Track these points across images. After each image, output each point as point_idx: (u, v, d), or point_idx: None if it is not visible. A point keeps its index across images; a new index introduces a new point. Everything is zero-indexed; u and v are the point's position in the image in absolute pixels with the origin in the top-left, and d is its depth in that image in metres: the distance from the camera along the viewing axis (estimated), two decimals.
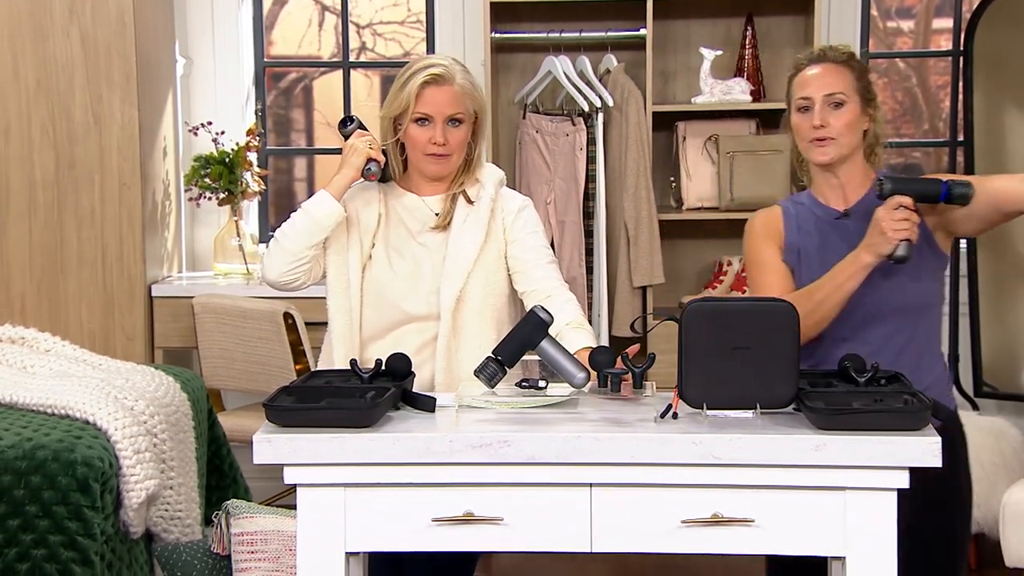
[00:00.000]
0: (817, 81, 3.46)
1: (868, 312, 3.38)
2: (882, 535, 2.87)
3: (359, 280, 3.46)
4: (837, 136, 3.43)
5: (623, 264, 6.04)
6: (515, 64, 6.37)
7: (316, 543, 2.94)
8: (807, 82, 3.47)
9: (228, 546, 4.09)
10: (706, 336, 2.99)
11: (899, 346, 3.39)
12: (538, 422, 2.99)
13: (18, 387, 4.27)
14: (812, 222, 3.51)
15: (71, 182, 5.95)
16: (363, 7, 7.01)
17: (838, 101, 3.45)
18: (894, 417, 2.88)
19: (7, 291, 5.96)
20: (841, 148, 3.45)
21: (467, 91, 3.46)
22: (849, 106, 3.46)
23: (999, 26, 6.23)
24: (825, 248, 3.45)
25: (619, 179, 6.02)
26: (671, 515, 2.90)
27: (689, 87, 6.30)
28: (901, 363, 3.29)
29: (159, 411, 4.28)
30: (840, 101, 3.45)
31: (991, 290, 6.21)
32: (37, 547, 3.81)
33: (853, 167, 3.51)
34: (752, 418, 2.98)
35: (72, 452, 3.88)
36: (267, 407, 2.97)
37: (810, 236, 3.49)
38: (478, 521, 2.92)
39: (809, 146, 3.46)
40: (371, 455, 2.89)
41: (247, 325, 5.68)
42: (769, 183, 6.10)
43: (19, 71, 5.89)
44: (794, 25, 6.33)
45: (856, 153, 3.52)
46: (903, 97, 7.13)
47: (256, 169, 6.43)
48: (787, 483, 2.88)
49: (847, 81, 3.47)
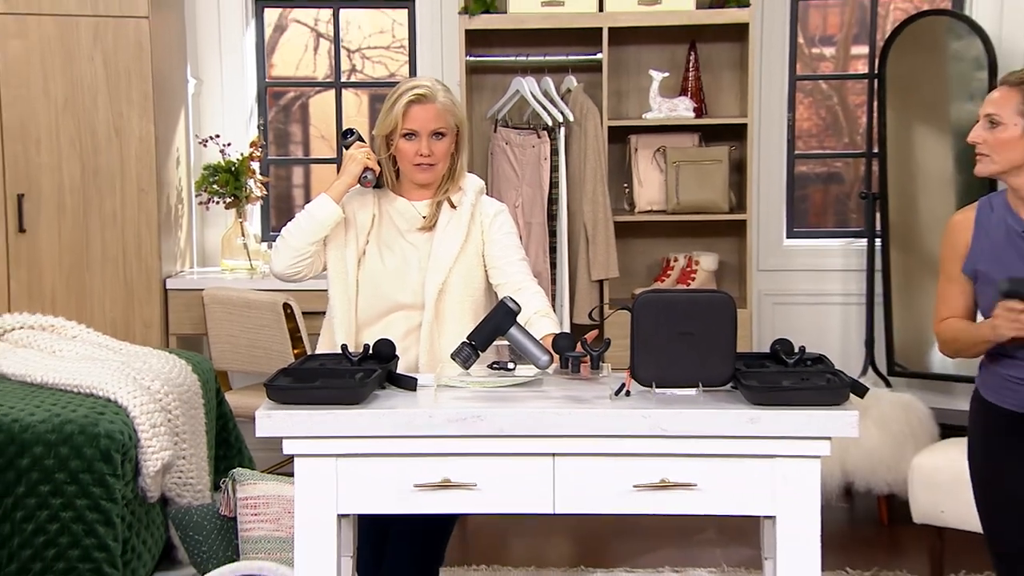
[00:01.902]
0: (989, 101, 3.23)
1: None
2: (808, 496, 2.89)
3: (355, 273, 3.47)
4: (990, 150, 3.22)
5: (582, 260, 6.05)
6: (487, 84, 6.37)
7: (311, 506, 2.94)
8: (984, 102, 3.25)
9: (234, 509, 4.08)
10: (655, 324, 2.98)
11: None
12: (507, 399, 2.99)
13: (48, 369, 4.26)
14: (1002, 230, 3.26)
15: (95, 188, 5.93)
16: (353, 34, 7.00)
17: (992, 117, 3.20)
18: (817, 394, 2.89)
19: (39, 284, 5.94)
20: (994, 165, 3.23)
21: (448, 108, 3.46)
22: (1006, 124, 3.18)
23: (907, 53, 6.26)
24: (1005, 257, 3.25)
25: (579, 185, 6.03)
26: (624, 480, 2.91)
27: (640, 105, 6.31)
28: None
29: (173, 390, 4.27)
30: (994, 120, 3.19)
31: (902, 283, 6.26)
32: (65, 510, 3.80)
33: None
34: (695, 395, 2.98)
35: (96, 426, 3.87)
36: (268, 386, 2.96)
37: (992, 244, 3.27)
38: (455, 487, 2.92)
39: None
40: (360, 429, 2.89)
41: (251, 314, 5.67)
42: (710, 189, 6.13)
43: (49, 90, 5.87)
44: (731, 51, 6.34)
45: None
46: (826, 114, 7.15)
47: (259, 177, 6.42)
48: (725, 452, 2.88)
49: (1011, 100, 3.19)
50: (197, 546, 4.10)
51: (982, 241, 3.26)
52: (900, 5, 6.74)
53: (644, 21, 6.07)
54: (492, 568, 5.30)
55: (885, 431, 5.61)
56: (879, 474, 5.61)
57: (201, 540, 4.09)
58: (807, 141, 6.98)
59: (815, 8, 6.96)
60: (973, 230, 3.28)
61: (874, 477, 5.63)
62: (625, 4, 6.04)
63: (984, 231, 3.26)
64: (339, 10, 6.76)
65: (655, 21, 6.08)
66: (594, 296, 6.08)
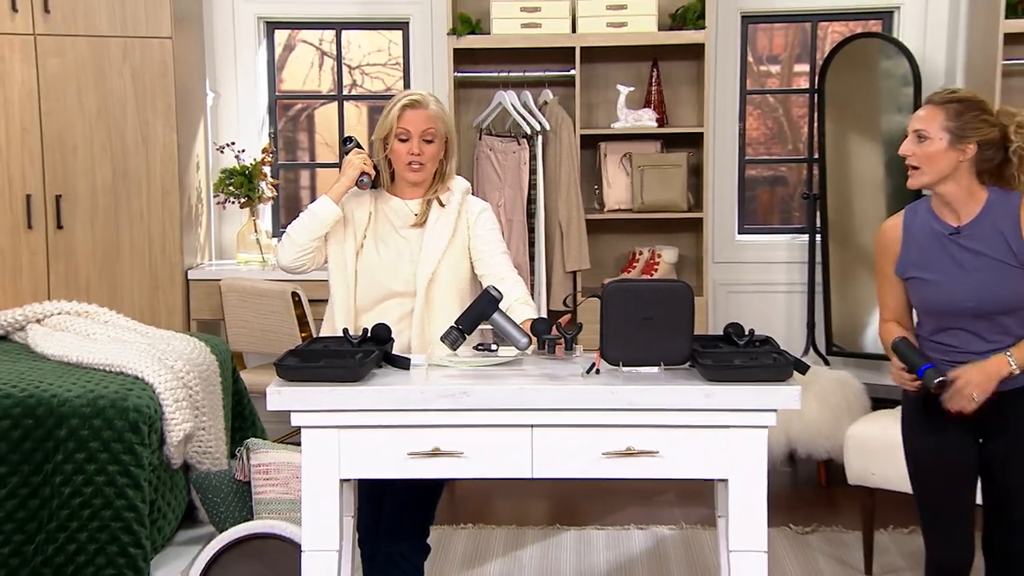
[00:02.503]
0: (915, 117, 3.20)
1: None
2: (756, 461, 2.90)
3: (354, 264, 3.46)
4: (918, 162, 3.18)
5: (558, 253, 6.06)
6: (473, 97, 6.36)
7: (317, 472, 2.94)
8: (912, 118, 3.22)
9: (248, 474, 4.08)
10: (622, 310, 2.99)
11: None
12: (491, 377, 3.00)
13: (83, 350, 4.25)
14: (929, 234, 3.26)
15: (124, 189, 5.92)
16: (354, 52, 6.99)
17: (919, 132, 3.17)
18: (765, 371, 2.91)
19: (75, 275, 5.93)
20: (925, 177, 3.19)
21: (438, 115, 3.45)
22: (931, 140, 3.16)
23: (843, 71, 6.28)
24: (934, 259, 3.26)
25: (555, 187, 6.03)
26: (594, 448, 2.91)
27: (608, 115, 6.31)
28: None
29: (194, 369, 4.27)
30: (921, 135, 3.17)
31: (838, 274, 6.28)
32: (98, 475, 3.80)
33: (958, 192, 3.21)
34: (657, 373, 2.99)
35: (126, 401, 3.87)
36: (278, 366, 2.97)
37: (922, 248, 3.26)
38: (444, 455, 2.92)
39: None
40: (359, 403, 2.89)
41: (263, 302, 5.66)
42: (670, 190, 6.14)
43: (83, 103, 5.85)
44: (689, 68, 6.35)
45: (953, 178, 3.20)
46: (772, 124, 7.16)
47: (270, 179, 6.41)
48: (684, 423, 2.89)
49: (935, 117, 3.17)
50: (215, 507, 4.10)
51: (911, 245, 3.26)
52: (837, 28, 6.75)
53: (612, 41, 6.08)
54: (478, 527, 5.31)
55: (824, 404, 5.64)
56: (818, 442, 5.65)
57: (219, 502, 4.09)
58: (756, 148, 7.00)
59: (763, 31, 6.97)
60: (902, 237, 3.28)
61: (814, 444, 5.66)
62: (595, 26, 6.04)
63: (912, 236, 3.26)
64: (341, 31, 6.75)
65: (621, 41, 6.08)
66: (568, 285, 6.09)
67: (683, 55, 6.29)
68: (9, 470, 3.81)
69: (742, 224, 6.70)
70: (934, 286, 3.20)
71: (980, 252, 3.18)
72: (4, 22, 5.75)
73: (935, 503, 3.31)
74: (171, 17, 5.86)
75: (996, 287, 3.17)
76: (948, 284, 3.19)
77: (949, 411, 3.19)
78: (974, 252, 3.18)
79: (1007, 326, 3.20)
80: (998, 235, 3.18)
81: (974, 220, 3.20)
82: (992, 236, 3.18)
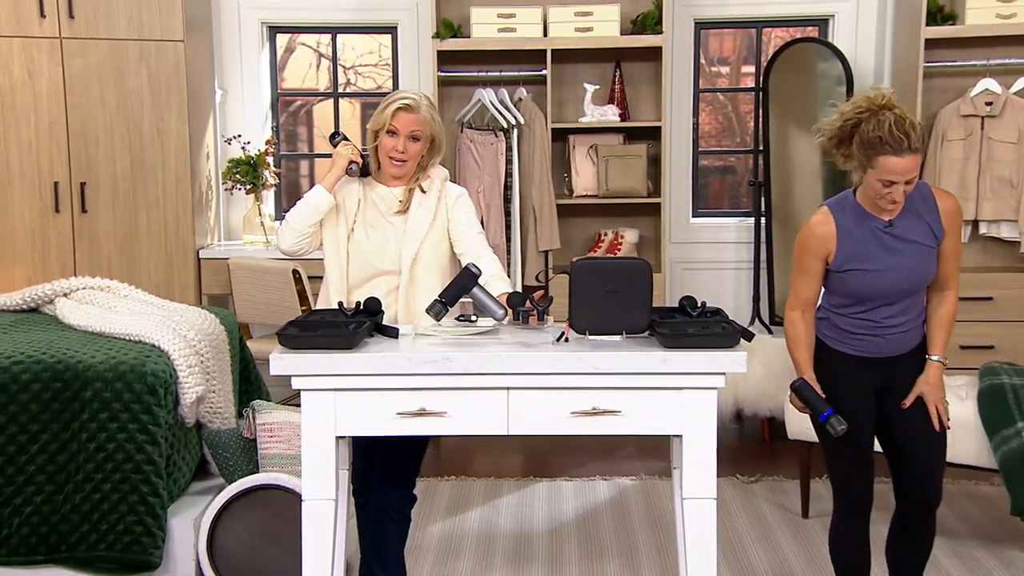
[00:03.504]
0: (903, 168, 3.06)
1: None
2: (707, 419, 2.90)
3: (345, 246, 3.45)
4: (900, 202, 3.13)
5: (531, 234, 6.06)
6: (455, 94, 6.35)
7: (315, 430, 2.94)
8: (894, 169, 3.05)
9: (254, 432, 4.08)
10: (588, 284, 2.99)
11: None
12: (471, 345, 3.00)
13: (105, 321, 4.23)
14: (864, 228, 3.23)
15: (141, 177, 5.90)
16: (348, 54, 6.97)
17: (910, 180, 3.09)
18: (715, 339, 2.90)
19: (98, 254, 5.90)
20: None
21: (427, 120, 3.42)
22: (916, 178, 3.12)
23: (784, 72, 6.29)
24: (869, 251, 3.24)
25: (528, 175, 6.03)
26: (563, 408, 2.91)
27: (577, 111, 6.31)
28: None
29: (204, 338, 4.25)
30: (911, 180, 3.10)
31: (781, 253, 6.30)
32: (120, 432, 3.79)
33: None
34: (620, 341, 3.00)
35: (144, 366, 3.86)
36: (280, 335, 2.95)
37: (860, 243, 3.23)
38: (429, 414, 2.92)
39: (881, 207, 3.17)
40: (353, 368, 2.88)
41: (266, 278, 5.65)
42: (632, 178, 6.15)
43: (104, 99, 5.81)
44: (648, 68, 6.35)
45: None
46: (723, 119, 7.18)
47: (272, 168, 6.39)
48: (643, 385, 2.89)
49: (918, 162, 3.09)
50: (225, 461, 4.10)
51: (847, 241, 3.22)
52: (779, 34, 6.77)
53: (579, 44, 6.07)
54: (460, 479, 5.32)
55: (767, 368, 5.67)
56: (762, 402, 5.68)
57: (228, 457, 4.09)
58: (707, 140, 7.01)
59: (714, 35, 6.98)
60: (836, 234, 3.23)
61: (758, 404, 5.69)
62: (564, 31, 6.04)
63: (847, 233, 3.23)
64: (336, 35, 6.71)
65: (588, 44, 6.08)
66: (540, 263, 6.10)
67: (643, 57, 6.30)
68: (40, 428, 3.80)
69: (695, 208, 6.72)
70: (874, 275, 3.20)
71: (910, 240, 3.20)
72: (33, 27, 5.72)
73: (843, 443, 3.31)
74: (183, 22, 5.83)
75: (923, 269, 3.21)
76: (886, 272, 3.20)
77: (854, 371, 3.29)
78: (906, 241, 3.20)
79: (918, 297, 3.29)
80: (922, 223, 3.21)
81: (903, 213, 3.21)
82: (918, 225, 3.21)
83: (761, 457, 5.60)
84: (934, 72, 6.02)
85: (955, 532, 4.57)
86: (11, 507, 3.78)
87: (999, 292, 5.86)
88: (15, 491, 3.79)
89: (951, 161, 5.94)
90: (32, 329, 4.27)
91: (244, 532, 3.90)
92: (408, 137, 3.39)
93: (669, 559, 4.29)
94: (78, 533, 3.78)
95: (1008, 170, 5.86)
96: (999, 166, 5.87)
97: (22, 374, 3.80)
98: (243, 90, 6.56)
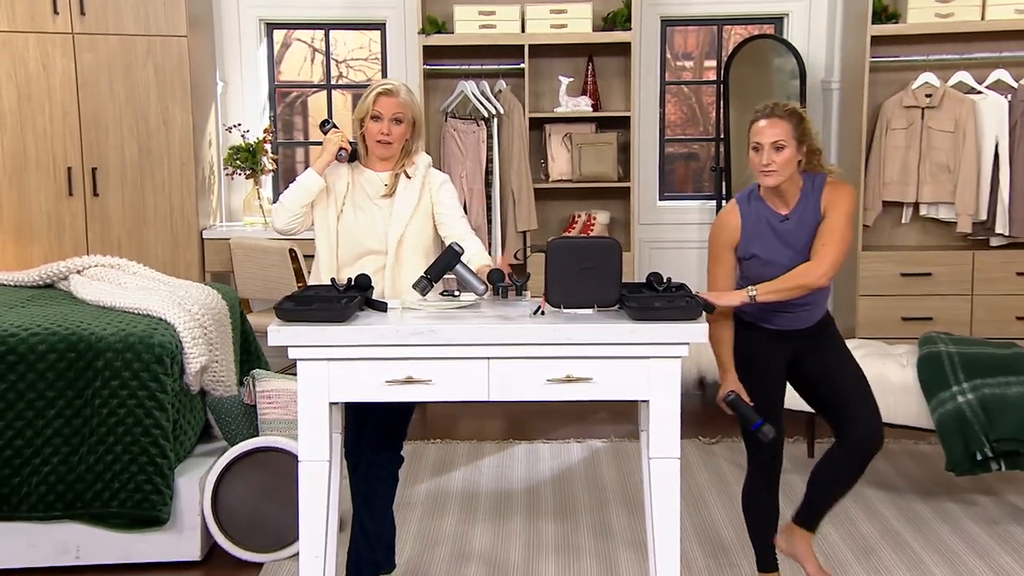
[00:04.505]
0: (766, 130, 3.19)
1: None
2: (672, 385, 2.90)
3: (335, 227, 3.44)
4: (779, 169, 3.19)
5: (511, 216, 6.06)
6: (439, 86, 6.33)
7: (310, 396, 2.92)
8: (759, 131, 3.21)
9: (255, 399, 4.08)
10: (563, 262, 2.98)
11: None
12: (454, 318, 2.99)
13: (116, 297, 4.22)
14: (763, 221, 3.28)
15: (148, 163, 5.86)
16: (340, 48, 6.93)
17: (778, 144, 3.18)
18: (679, 311, 2.88)
19: (109, 234, 5.88)
20: (781, 177, 3.21)
21: (407, 102, 3.42)
22: (787, 149, 3.18)
23: (743, 65, 6.30)
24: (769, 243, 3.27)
25: (508, 161, 6.02)
26: (540, 376, 2.90)
27: (552, 101, 6.30)
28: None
29: (208, 312, 4.24)
30: (780, 145, 3.18)
31: None
32: (130, 398, 3.79)
33: (791, 185, 3.25)
34: (592, 313, 2.99)
35: (152, 338, 3.85)
36: (277, 309, 2.93)
37: (760, 234, 3.27)
38: (415, 382, 2.91)
39: (760, 180, 3.24)
40: (345, 340, 2.87)
41: (265, 257, 5.63)
42: (603, 164, 6.15)
43: (114, 90, 5.77)
44: (619, 62, 6.34)
45: (792, 175, 3.23)
46: (687, 109, 7.18)
47: (270, 155, 6.37)
48: (613, 355, 2.89)
49: (787, 131, 3.19)
50: (227, 426, 4.09)
51: (748, 232, 3.28)
52: (738, 31, 6.76)
53: (555, 40, 6.06)
54: (445, 442, 5.34)
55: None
56: None
57: (230, 421, 4.09)
58: (673, 129, 7.01)
59: (679, 32, 6.97)
60: (741, 226, 3.28)
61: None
62: (541, 27, 6.02)
63: (750, 224, 3.28)
64: (329, 31, 6.68)
65: (563, 40, 6.07)
66: (519, 242, 6.10)
67: (613, 52, 6.29)
68: (56, 394, 3.79)
69: (662, 192, 6.73)
70: (771, 265, 3.26)
71: (801, 229, 3.26)
72: (47, 23, 5.68)
73: (761, 394, 3.36)
74: (186, 19, 5.79)
75: (807, 250, 3.26)
76: (777, 259, 3.26)
77: (767, 343, 3.34)
78: (800, 231, 3.26)
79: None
80: (812, 212, 3.26)
81: (796, 206, 3.26)
82: (809, 215, 3.26)
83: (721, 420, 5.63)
84: (879, 67, 6.04)
85: (896, 487, 4.62)
86: (31, 467, 3.78)
87: (937, 268, 5.90)
88: (34, 452, 3.78)
89: (894, 149, 5.97)
90: (48, 304, 4.26)
91: (245, 490, 3.91)
92: (391, 120, 3.38)
93: (637, 513, 4.32)
94: (92, 491, 3.78)
95: (945, 157, 5.89)
96: (937, 153, 5.91)
97: (39, 345, 3.79)
98: (242, 82, 6.52)
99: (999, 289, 5.88)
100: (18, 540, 3.80)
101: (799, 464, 4.81)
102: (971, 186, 5.85)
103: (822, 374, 3.39)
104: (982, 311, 5.88)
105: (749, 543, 3.62)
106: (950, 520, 4.25)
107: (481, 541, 4.08)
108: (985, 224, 5.93)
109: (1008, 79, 5.88)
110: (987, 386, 4.19)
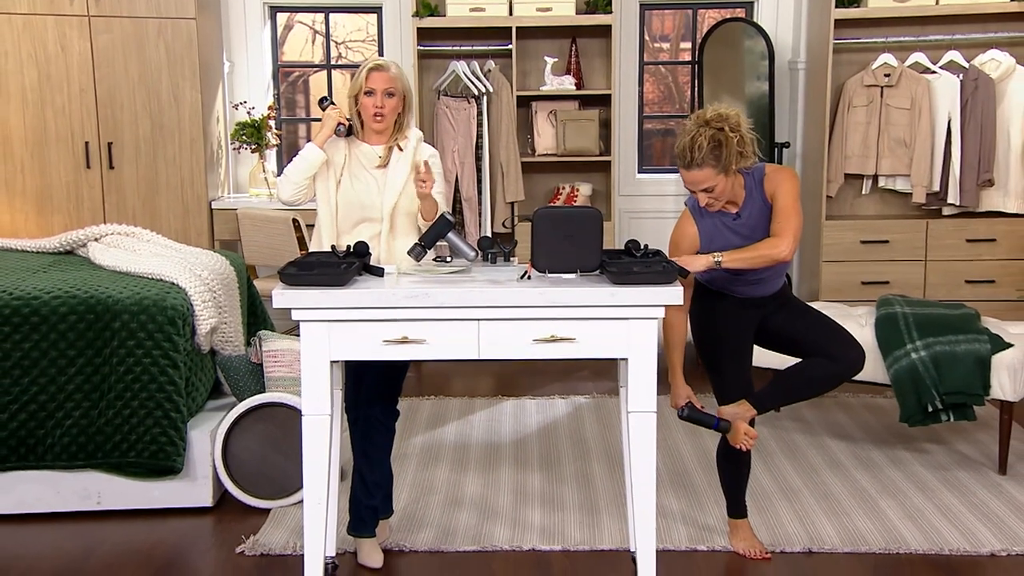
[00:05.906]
0: (689, 179, 3.18)
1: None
2: (649, 345, 2.91)
3: (335, 196, 3.42)
4: (717, 199, 3.20)
5: (500, 188, 6.04)
6: (432, 66, 6.27)
7: (312, 355, 2.92)
8: (684, 178, 3.19)
9: (261, 358, 4.07)
10: (548, 230, 2.99)
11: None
12: (446, 282, 2.99)
13: (130, 263, 4.20)
14: (718, 224, 3.28)
15: (161, 139, 5.81)
16: (339, 30, 6.86)
17: (707, 188, 3.17)
18: (656, 276, 2.89)
19: (124, 204, 5.83)
20: (722, 201, 3.21)
21: (397, 76, 3.38)
22: (718, 185, 3.16)
23: (716, 47, 6.25)
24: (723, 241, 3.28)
25: (497, 137, 5.99)
26: (526, 336, 2.91)
27: (538, 80, 6.26)
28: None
29: (217, 277, 4.23)
30: (709, 188, 3.16)
31: None
32: (145, 357, 3.78)
33: (734, 191, 3.24)
34: (575, 278, 2.99)
35: (165, 301, 3.84)
36: (281, 274, 2.93)
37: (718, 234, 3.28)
38: (410, 342, 2.91)
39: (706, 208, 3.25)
40: (345, 302, 2.87)
41: (270, 226, 5.60)
42: (586, 139, 6.12)
43: (128, 69, 5.71)
44: (600, 44, 6.29)
45: (731, 186, 3.21)
46: (664, 88, 7.14)
47: (274, 131, 6.31)
48: (595, 316, 2.90)
49: (710, 174, 3.15)
50: (236, 383, 4.09)
51: (708, 235, 3.28)
52: (712, 15, 6.71)
53: (540, 22, 6.01)
54: (438, 398, 5.35)
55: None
56: None
57: (239, 379, 4.09)
58: (651, 107, 6.98)
59: (656, 16, 6.92)
60: (698, 234, 3.28)
61: None
62: (527, 11, 5.97)
63: (706, 229, 3.28)
64: (329, 14, 6.61)
65: (548, 22, 6.02)
66: (507, 212, 6.08)
67: (596, 34, 6.24)
68: (77, 353, 3.78)
69: (641, 166, 6.70)
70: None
71: (755, 221, 3.27)
72: (64, 5, 5.62)
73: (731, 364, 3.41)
74: (195, 2, 5.72)
75: (762, 237, 3.26)
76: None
77: (733, 310, 3.37)
78: (752, 224, 3.27)
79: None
80: (760, 203, 3.27)
81: (745, 203, 3.26)
82: (758, 207, 3.27)
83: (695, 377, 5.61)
84: (842, 48, 6.02)
85: (854, 437, 4.65)
86: (54, 420, 3.78)
87: (894, 236, 5.91)
88: (57, 407, 3.78)
89: (855, 125, 5.96)
90: (68, 269, 4.23)
91: (253, 442, 3.91)
92: (384, 93, 3.35)
93: (616, 463, 4.34)
94: (112, 442, 3.78)
95: (903, 132, 5.89)
96: (895, 129, 5.90)
97: (60, 307, 3.78)
98: (248, 62, 6.45)
99: (950, 255, 5.90)
100: (45, 487, 3.82)
101: (766, 419, 4.83)
102: (925, 160, 5.85)
103: (792, 326, 3.40)
104: (935, 275, 5.90)
105: (720, 491, 3.65)
106: (903, 466, 4.29)
107: (472, 489, 4.10)
108: (938, 195, 5.94)
109: (960, 60, 5.87)
110: (938, 344, 4.21)
